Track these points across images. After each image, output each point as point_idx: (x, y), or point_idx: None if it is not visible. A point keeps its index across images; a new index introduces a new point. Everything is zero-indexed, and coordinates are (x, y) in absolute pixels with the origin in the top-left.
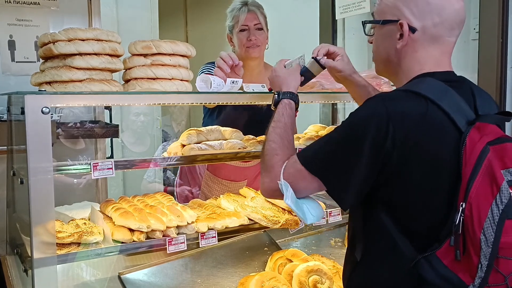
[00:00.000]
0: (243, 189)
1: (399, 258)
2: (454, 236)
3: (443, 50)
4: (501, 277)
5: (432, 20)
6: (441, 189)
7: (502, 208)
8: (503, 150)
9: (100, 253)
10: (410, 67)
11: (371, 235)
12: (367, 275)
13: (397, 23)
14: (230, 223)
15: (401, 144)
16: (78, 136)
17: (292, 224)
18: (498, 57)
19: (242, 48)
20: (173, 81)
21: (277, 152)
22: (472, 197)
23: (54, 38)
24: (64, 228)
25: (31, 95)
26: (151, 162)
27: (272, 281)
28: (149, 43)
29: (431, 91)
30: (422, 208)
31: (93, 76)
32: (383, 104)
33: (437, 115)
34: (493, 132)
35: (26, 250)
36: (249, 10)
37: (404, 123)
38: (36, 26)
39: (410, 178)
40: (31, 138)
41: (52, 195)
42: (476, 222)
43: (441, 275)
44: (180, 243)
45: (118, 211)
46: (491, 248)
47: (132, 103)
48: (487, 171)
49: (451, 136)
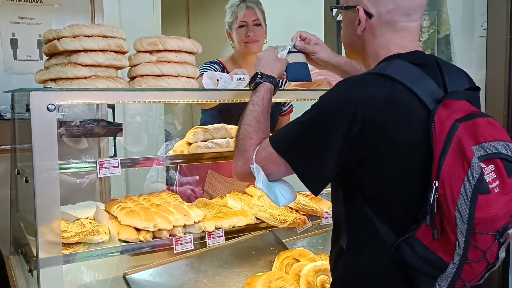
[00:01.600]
0: (250, 188)
1: (382, 245)
2: (430, 215)
3: (403, 35)
4: (480, 253)
5: (387, 7)
6: (415, 170)
7: (474, 183)
8: (475, 126)
9: (106, 252)
10: (375, 52)
11: (353, 223)
12: (352, 263)
13: (356, 8)
14: (237, 222)
15: (370, 127)
16: (81, 135)
17: (300, 223)
18: (506, 54)
19: (241, 43)
20: (179, 78)
21: (252, 136)
22: (444, 175)
23: (59, 35)
24: (69, 227)
25: (37, 92)
26: (157, 160)
27: (279, 281)
28: (155, 39)
29: (398, 72)
30: (398, 191)
31: (98, 73)
32: (350, 88)
33: (405, 95)
34: (463, 108)
35: (31, 250)
36: (248, 7)
37: (371, 106)
38: (39, 24)
39: (382, 161)
40: (36, 136)
41: (58, 193)
42: (449, 199)
43: (421, 256)
44: (187, 242)
45: (123, 210)
46: (466, 224)
47: (138, 100)
48: (457, 148)
49: (420, 115)
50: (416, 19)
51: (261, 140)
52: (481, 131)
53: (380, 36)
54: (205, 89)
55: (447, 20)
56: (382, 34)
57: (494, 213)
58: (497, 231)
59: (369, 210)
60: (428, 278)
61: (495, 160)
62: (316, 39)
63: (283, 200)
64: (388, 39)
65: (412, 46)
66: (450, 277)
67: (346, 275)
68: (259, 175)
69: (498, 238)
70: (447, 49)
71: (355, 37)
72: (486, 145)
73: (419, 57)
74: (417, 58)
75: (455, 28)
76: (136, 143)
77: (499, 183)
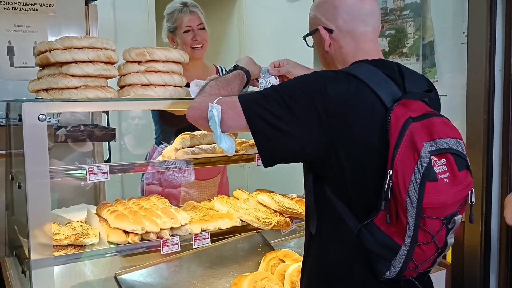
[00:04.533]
0: (237, 191)
1: (346, 231)
2: (384, 201)
3: (364, 39)
4: (429, 236)
5: (343, 19)
6: (373, 161)
7: (423, 171)
8: (430, 124)
9: (96, 254)
10: (344, 61)
11: (321, 210)
12: (320, 248)
13: (318, 30)
14: (222, 225)
15: (334, 118)
16: (76, 140)
17: (284, 225)
18: (486, 60)
19: (187, 48)
20: (166, 87)
21: (221, 92)
22: (397, 164)
23: (51, 47)
24: (61, 230)
25: (28, 103)
26: (145, 166)
27: (264, 281)
28: (143, 50)
29: (362, 73)
30: (359, 179)
31: (89, 83)
32: (321, 82)
33: (367, 93)
34: (419, 108)
35: (24, 252)
36: (191, 11)
37: (338, 99)
38: (34, 32)
39: (343, 151)
40: (28, 144)
41: (48, 198)
42: (401, 186)
43: (379, 241)
44: (174, 244)
45: (113, 213)
46: (415, 208)
47: (126, 109)
48: (409, 141)
49: (379, 112)
50: (371, 23)
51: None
52: (436, 129)
53: (345, 46)
54: (189, 98)
55: (431, 26)
56: (346, 43)
57: (443, 200)
58: (445, 217)
59: (334, 197)
60: (385, 261)
61: (447, 155)
62: (287, 61)
63: (224, 145)
64: (352, 47)
65: (375, 53)
66: (402, 258)
67: (315, 260)
68: (214, 115)
69: (446, 223)
70: (431, 55)
71: (325, 54)
72: (439, 141)
73: (383, 64)
74: (381, 64)
75: (439, 35)
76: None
77: (450, 175)
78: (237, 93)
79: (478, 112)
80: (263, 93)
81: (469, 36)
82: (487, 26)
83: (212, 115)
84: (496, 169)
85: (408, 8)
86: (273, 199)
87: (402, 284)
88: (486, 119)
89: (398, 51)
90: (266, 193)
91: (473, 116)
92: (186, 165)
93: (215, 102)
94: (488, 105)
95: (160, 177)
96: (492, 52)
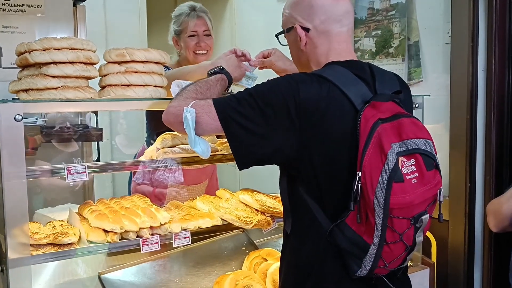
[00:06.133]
0: (220, 191)
1: (319, 230)
2: (354, 202)
3: (339, 40)
4: (396, 235)
5: (319, 19)
6: (344, 161)
7: (389, 172)
8: (399, 125)
9: (74, 254)
10: (318, 61)
11: (295, 210)
12: (294, 247)
13: (294, 28)
14: (203, 224)
15: (306, 120)
16: (62, 140)
17: (265, 224)
18: (469, 60)
19: (190, 53)
20: (146, 87)
21: (198, 96)
22: (366, 165)
23: (30, 48)
24: (41, 229)
25: (4, 103)
26: (125, 165)
27: (246, 279)
28: (123, 51)
29: (333, 75)
30: (330, 180)
31: (68, 84)
32: (293, 85)
33: (338, 96)
34: (389, 109)
35: (2, 251)
36: (198, 16)
37: (310, 101)
38: (22, 33)
39: (316, 153)
40: (4, 145)
41: (25, 198)
42: (369, 187)
43: (350, 239)
44: (154, 243)
45: (94, 213)
46: (382, 209)
47: (105, 109)
48: (377, 143)
49: (350, 114)
50: (347, 24)
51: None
52: (405, 130)
53: (320, 45)
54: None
55: (417, 26)
56: (321, 43)
57: (409, 200)
58: (413, 217)
59: (307, 197)
60: (356, 259)
61: (416, 155)
62: (275, 51)
63: (199, 149)
64: (327, 47)
65: (348, 54)
66: (372, 257)
67: (290, 259)
68: (188, 119)
69: (414, 223)
70: (417, 55)
71: (300, 53)
72: (408, 142)
73: (354, 65)
74: (352, 65)
75: (424, 35)
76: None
77: (418, 175)
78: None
79: (461, 112)
80: (237, 96)
81: (452, 36)
82: (470, 26)
83: (186, 119)
84: (480, 168)
85: (394, 8)
86: (255, 198)
87: (374, 282)
88: (469, 119)
89: (385, 51)
90: (249, 192)
91: (456, 115)
92: (169, 164)
93: (190, 106)
94: (471, 105)
95: (151, 177)
96: (474, 52)
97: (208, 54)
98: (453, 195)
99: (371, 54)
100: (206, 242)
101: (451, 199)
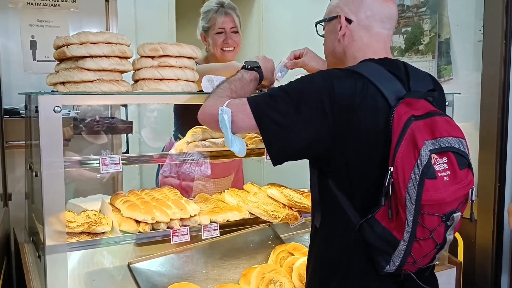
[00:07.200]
0: (248, 185)
1: (348, 225)
2: (385, 197)
3: (377, 39)
4: (427, 232)
5: (365, 13)
6: (376, 157)
7: (422, 169)
8: (432, 122)
9: (107, 242)
10: (354, 55)
11: (325, 204)
12: (323, 241)
13: (338, 17)
14: (231, 217)
15: (341, 115)
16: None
17: (292, 219)
18: (501, 58)
19: (218, 49)
20: (178, 81)
21: (232, 95)
22: (398, 161)
23: (68, 41)
24: (75, 218)
25: (44, 95)
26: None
27: (272, 273)
28: (157, 45)
29: (368, 72)
30: (361, 175)
31: (103, 77)
32: (328, 80)
33: (372, 92)
34: (423, 107)
35: (40, 238)
36: (226, 13)
37: (344, 96)
38: (57, 27)
39: (348, 148)
40: (44, 135)
41: (62, 187)
42: (401, 183)
43: (379, 235)
44: (183, 234)
45: (126, 203)
46: (414, 205)
47: (138, 102)
48: (410, 139)
49: (383, 110)
50: (389, 28)
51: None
52: (438, 127)
53: (358, 39)
54: (200, 92)
55: (448, 23)
56: (360, 38)
57: (441, 197)
58: (444, 214)
59: (338, 192)
60: (385, 255)
61: (448, 154)
62: (306, 51)
63: (235, 147)
64: (365, 43)
65: (384, 53)
66: (401, 253)
67: (319, 254)
68: (225, 119)
69: (445, 220)
70: (447, 53)
71: (336, 43)
72: (441, 140)
73: (389, 62)
74: (387, 63)
75: (455, 32)
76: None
77: (450, 173)
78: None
79: (492, 110)
80: (271, 93)
81: (484, 34)
82: (503, 24)
83: (222, 118)
84: (510, 167)
85: (425, 5)
86: (283, 193)
87: (402, 279)
88: (500, 118)
89: (414, 49)
90: (277, 187)
91: (487, 114)
92: (197, 157)
93: (225, 105)
94: (503, 104)
95: (178, 170)
96: (507, 50)
97: (235, 51)
98: (482, 194)
99: (400, 51)
100: (232, 235)
101: (480, 198)
